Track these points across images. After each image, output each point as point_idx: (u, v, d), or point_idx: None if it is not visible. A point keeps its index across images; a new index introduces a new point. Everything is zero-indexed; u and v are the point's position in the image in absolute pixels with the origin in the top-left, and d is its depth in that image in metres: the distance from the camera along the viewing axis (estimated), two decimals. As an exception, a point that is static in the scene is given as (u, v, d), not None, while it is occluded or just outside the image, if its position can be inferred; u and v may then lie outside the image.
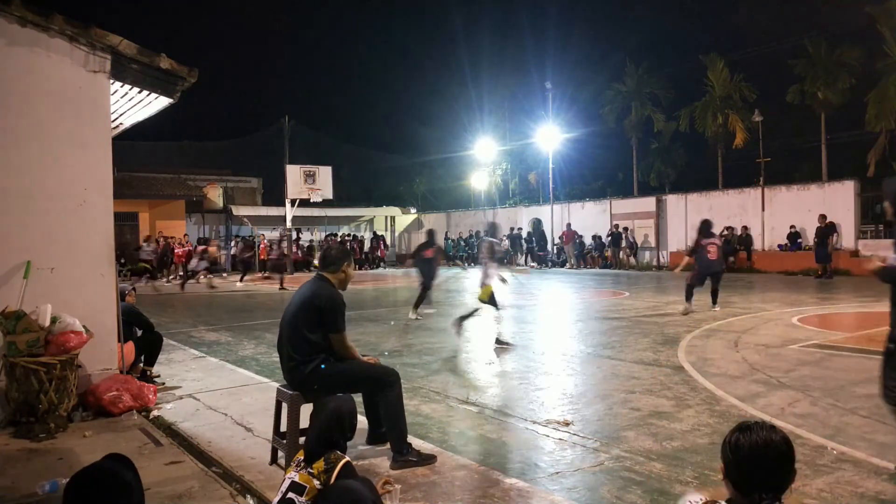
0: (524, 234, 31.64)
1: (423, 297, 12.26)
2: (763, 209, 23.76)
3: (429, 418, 5.44)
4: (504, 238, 12.60)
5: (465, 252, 31.97)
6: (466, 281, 21.75)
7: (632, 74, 36.47)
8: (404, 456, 4.22)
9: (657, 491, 3.83)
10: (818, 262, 19.84)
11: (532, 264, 30.29)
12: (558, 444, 4.78)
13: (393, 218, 39.52)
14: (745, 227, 23.86)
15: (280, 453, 4.30)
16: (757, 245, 23.69)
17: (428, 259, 12.60)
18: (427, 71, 49.79)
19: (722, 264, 11.97)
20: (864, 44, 26.73)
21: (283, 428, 4.29)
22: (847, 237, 21.43)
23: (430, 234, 13.23)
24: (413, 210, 42.03)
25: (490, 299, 9.01)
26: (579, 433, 4.99)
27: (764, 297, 14.61)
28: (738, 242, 23.63)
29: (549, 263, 29.52)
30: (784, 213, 23.16)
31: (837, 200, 21.81)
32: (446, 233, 34.35)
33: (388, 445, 4.35)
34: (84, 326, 5.31)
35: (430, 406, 5.85)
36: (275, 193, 33.59)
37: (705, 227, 11.74)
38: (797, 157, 37.61)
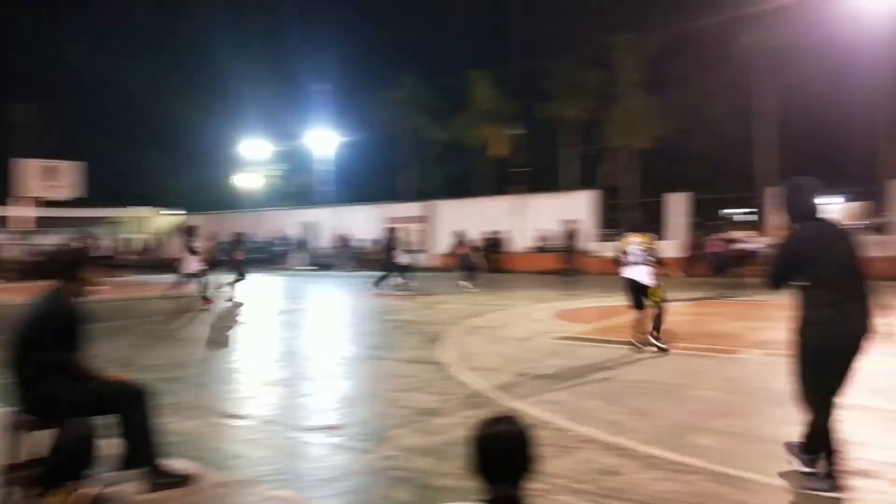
0: (296, 237, 31.12)
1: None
2: (520, 214, 25.83)
3: (186, 436, 5.09)
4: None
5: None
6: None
7: (405, 83, 37.58)
8: (158, 478, 3.89)
9: (425, 486, 3.95)
10: (565, 263, 22.02)
11: (311, 267, 29.90)
12: (328, 449, 4.74)
13: (149, 219, 36.57)
14: (503, 232, 25.78)
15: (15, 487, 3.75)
16: (515, 247, 25.69)
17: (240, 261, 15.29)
18: (193, 62, 46.73)
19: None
20: (605, 67, 30.20)
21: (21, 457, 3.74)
22: (588, 240, 24.07)
23: (239, 236, 15.87)
24: (174, 211, 39.30)
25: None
26: (349, 436, 4.99)
27: (519, 294, 15.87)
28: (496, 244, 25.48)
29: (322, 266, 29.37)
30: (537, 217, 25.39)
31: (580, 207, 24.44)
32: (213, 236, 32.45)
33: (140, 469, 3.98)
34: None
35: (187, 423, 5.46)
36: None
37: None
38: (550, 168, 41.40)
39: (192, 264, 14.04)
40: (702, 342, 8.71)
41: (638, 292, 8.03)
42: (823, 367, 3.73)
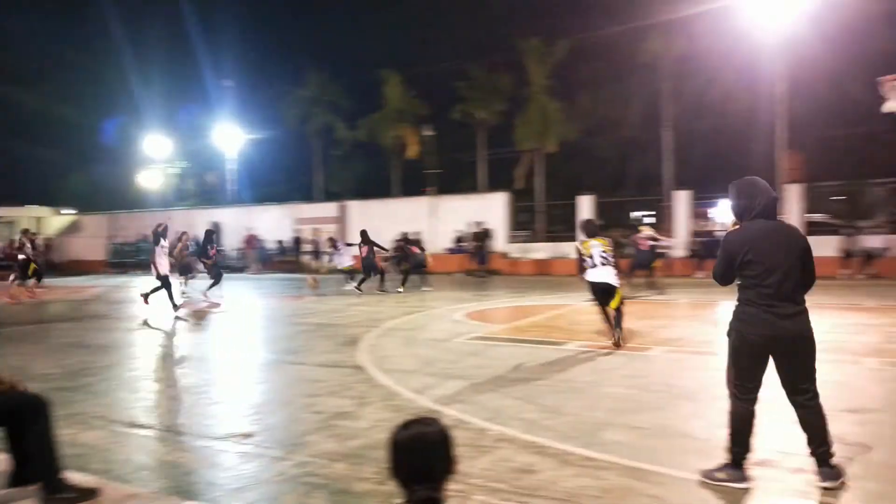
0: (201, 238, 30.05)
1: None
2: (433, 216, 25.92)
3: (89, 447, 4.79)
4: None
5: (135, 258, 29.21)
6: (134, 290, 19.92)
7: (314, 81, 36.96)
8: (58, 493, 3.62)
9: (341, 492, 3.87)
10: (478, 264, 22.30)
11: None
12: (239, 457, 4.57)
13: (41, 219, 34.41)
14: (417, 233, 25.77)
15: None
16: (427, 248, 25.72)
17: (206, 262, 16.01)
18: (92, 56, 44.24)
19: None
20: (515, 72, 30.76)
21: None
22: (500, 241, 24.46)
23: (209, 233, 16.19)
24: (68, 211, 37.17)
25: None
26: (262, 443, 4.83)
27: (433, 295, 15.89)
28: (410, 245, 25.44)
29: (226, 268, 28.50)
30: (451, 219, 25.56)
31: (493, 209, 24.80)
32: (108, 237, 30.79)
33: (37, 484, 3.69)
34: None
35: (90, 433, 5.15)
36: None
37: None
38: (461, 170, 41.80)
39: (165, 266, 12.90)
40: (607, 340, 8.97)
41: (604, 293, 8.22)
42: (744, 362, 3.86)
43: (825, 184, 29.53)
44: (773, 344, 3.75)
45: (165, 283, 12.62)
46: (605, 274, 8.13)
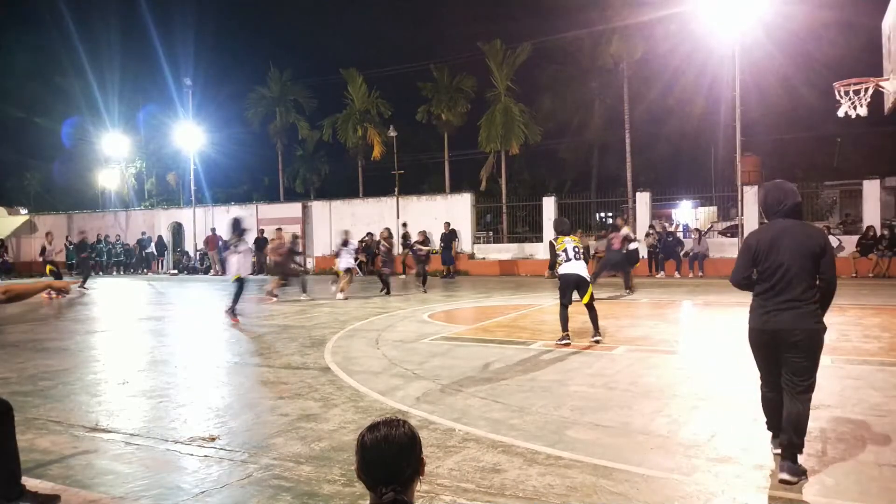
0: (163, 239, 29.54)
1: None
2: (398, 216, 25.86)
3: (48, 453, 4.68)
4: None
5: (94, 259, 28.50)
6: (94, 293, 19.53)
7: (276, 80, 36.59)
8: (18, 501, 3.54)
9: (307, 494, 3.85)
10: (444, 264, 22.33)
11: (172, 270, 28.47)
12: (203, 461, 4.51)
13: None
14: (369, 233, 25.73)
15: None
16: (394, 250, 25.68)
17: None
18: (45, 52, 42.93)
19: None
20: (478, 74, 30.91)
21: None
22: (465, 242, 24.53)
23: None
24: (23, 211, 36.16)
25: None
26: (226, 447, 4.77)
27: (399, 296, 15.86)
28: (376, 247, 25.35)
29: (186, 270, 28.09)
30: (416, 220, 25.53)
31: (458, 210, 24.84)
32: (66, 237, 29.94)
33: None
34: None
35: (49, 439, 5.03)
36: None
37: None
38: (426, 171, 41.83)
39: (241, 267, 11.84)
40: (576, 339, 9.07)
41: (576, 287, 8.47)
42: (754, 352, 4.13)
43: (781, 186, 30.30)
44: (771, 337, 3.96)
45: (240, 285, 11.69)
46: (579, 267, 8.45)
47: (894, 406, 5.34)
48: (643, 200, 22.31)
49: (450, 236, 22.49)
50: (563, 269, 8.50)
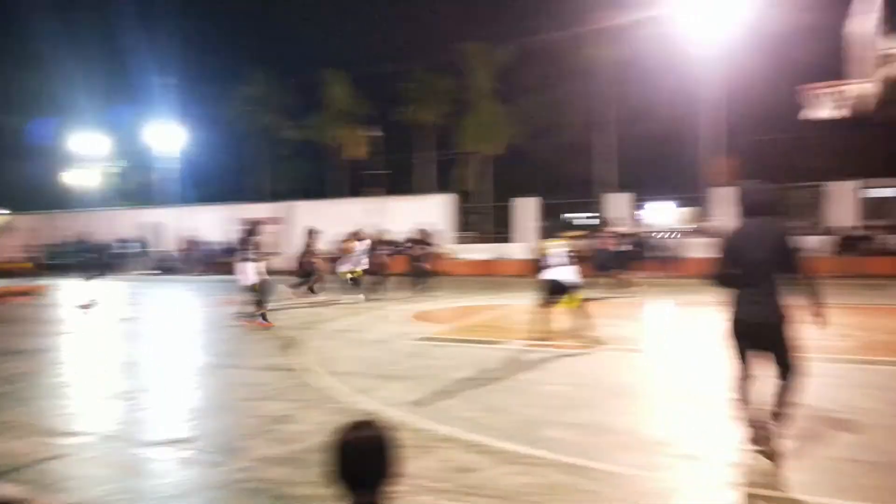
0: (138, 239, 29.25)
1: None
2: (379, 217, 25.83)
3: (13, 457, 4.61)
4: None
5: (73, 260, 28.08)
6: (67, 293, 19.25)
7: (259, 80, 36.36)
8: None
9: (282, 496, 3.83)
10: (422, 265, 22.28)
11: (154, 271, 28.18)
12: (176, 464, 4.47)
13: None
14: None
15: None
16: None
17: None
18: (15, 48, 42.06)
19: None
20: (460, 75, 30.93)
21: None
22: (446, 242, 24.54)
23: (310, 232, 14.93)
24: (3, 211, 35.58)
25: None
26: (198, 450, 4.74)
27: (378, 296, 15.81)
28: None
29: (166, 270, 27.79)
30: (400, 220, 25.50)
31: (438, 210, 24.86)
32: (46, 237, 29.55)
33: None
34: None
35: (16, 443, 4.95)
36: None
37: None
38: (408, 170, 41.77)
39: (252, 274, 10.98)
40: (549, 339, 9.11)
41: (558, 292, 8.36)
42: (734, 344, 4.30)
43: (756, 187, 30.66)
44: (748, 327, 4.19)
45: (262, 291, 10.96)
46: (563, 272, 8.34)
47: (866, 403, 5.43)
48: (622, 201, 22.45)
49: (427, 236, 22.46)
50: (544, 274, 8.44)
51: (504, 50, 28.92)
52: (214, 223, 28.46)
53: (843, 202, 18.35)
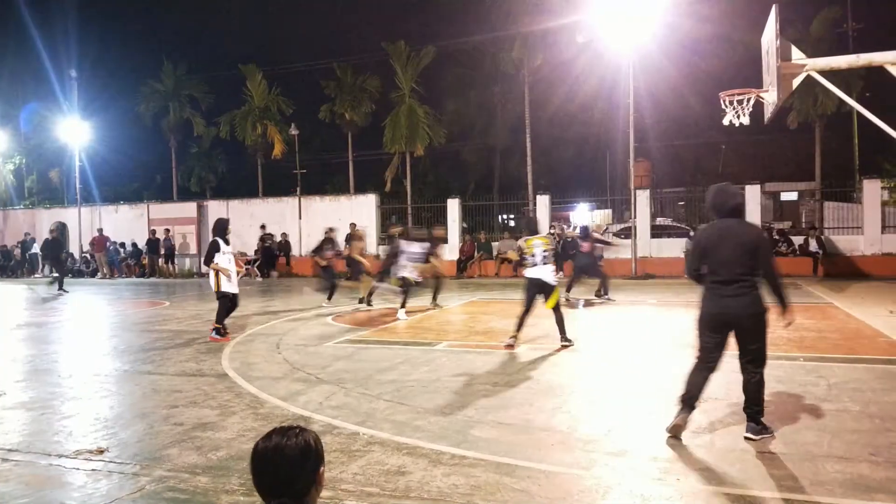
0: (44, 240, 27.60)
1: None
2: (300, 217, 25.37)
3: None
4: None
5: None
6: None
7: (169, 74, 34.97)
8: None
9: (204, 506, 3.69)
10: (348, 266, 22.03)
11: (58, 273, 26.69)
12: (90, 475, 4.24)
13: None
14: (284, 234, 25.16)
15: None
16: (295, 251, 25.19)
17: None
18: None
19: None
20: (383, 74, 30.75)
21: None
22: (370, 244, 24.34)
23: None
24: None
25: None
26: (116, 459, 4.51)
27: (301, 299, 15.56)
28: (278, 248, 24.80)
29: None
30: (319, 221, 25.12)
31: (363, 211, 24.63)
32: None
33: None
34: None
35: None
36: None
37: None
38: (329, 170, 41.24)
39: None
40: (476, 339, 9.19)
41: (540, 291, 8.29)
42: (704, 335, 4.64)
43: (669, 190, 31.98)
44: (719, 320, 4.53)
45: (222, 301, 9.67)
46: (543, 272, 8.29)
47: (774, 397, 5.70)
48: (543, 203, 22.88)
49: (351, 237, 22.22)
50: (529, 272, 8.38)
51: (429, 51, 28.92)
52: (125, 223, 27.29)
53: (752, 205, 19.27)
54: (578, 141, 35.36)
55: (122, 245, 26.74)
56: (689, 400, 4.64)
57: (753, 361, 4.52)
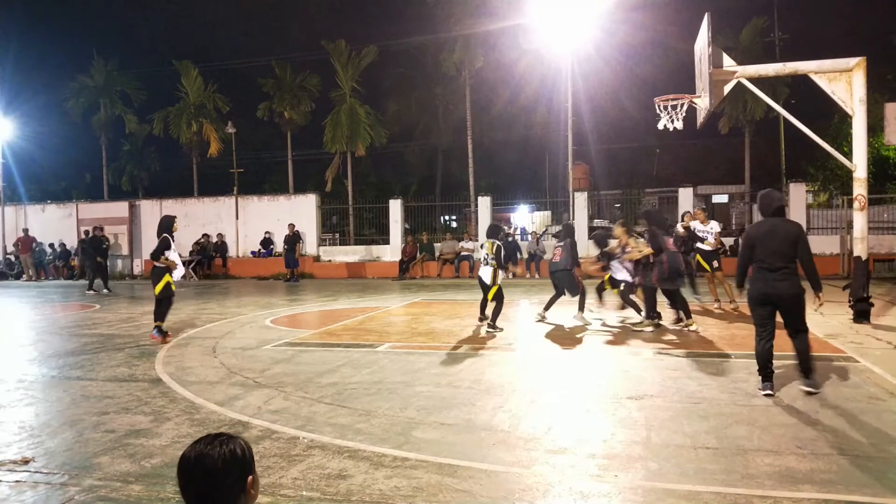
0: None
1: None
2: (237, 217, 24.86)
3: None
4: None
5: None
6: None
7: (100, 69, 33.69)
8: None
9: (136, 516, 3.56)
10: (287, 267, 21.74)
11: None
12: (15, 487, 4.04)
13: None
14: (220, 235, 24.61)
15: None
16: (231, 252, 24.66)
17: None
18: None
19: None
20: (323, 74, 30.37)
21: None
22: (310, 244, 24.06)
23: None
24: None
25: None
26: (43, 469, 4.31)
27: (239, 301, 15.24)
28: (213, 249, 24.24)
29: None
30: (256, 221, 24.68)
31: (302, 211, 24.31)
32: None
33: None
34: None
35: None
36: None
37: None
38: (267, 170, 40.50)
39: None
40: (419, 340, 9.18)
41: (482, 287, 10.13)
42: (756, 312, 5.80)
43: (607, 192, 32.68)
44: (767, 298, 5.68)
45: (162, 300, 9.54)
46: (484, 273, 10.07)
47: (707, 393, 5.89)
48: (484, 205, 23.05)
49: (294, 238, 21.93)
50: (479, 271, 10.29)
51: (369, 50, 28.72)
52: (52, 224, 26.22)
53: (686, 207, 19.85)
54: (520, 143, 35.75)
55: (52, 245, 25.70)
56: (765, 370, 5.72)
57: (798, 331, 5.67)
